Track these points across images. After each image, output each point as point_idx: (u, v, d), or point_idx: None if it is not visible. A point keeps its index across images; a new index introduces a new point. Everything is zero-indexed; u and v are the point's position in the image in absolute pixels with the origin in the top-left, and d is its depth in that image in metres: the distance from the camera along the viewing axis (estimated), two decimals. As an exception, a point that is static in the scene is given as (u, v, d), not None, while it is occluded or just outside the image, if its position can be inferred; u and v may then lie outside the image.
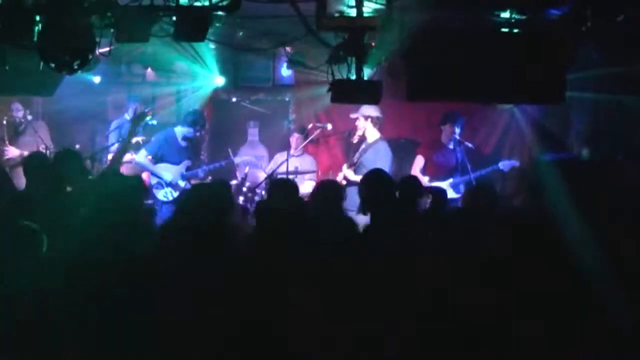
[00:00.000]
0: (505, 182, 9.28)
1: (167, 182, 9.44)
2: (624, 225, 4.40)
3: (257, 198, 9.19)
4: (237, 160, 9.97)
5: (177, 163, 9.52)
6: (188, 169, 9.57)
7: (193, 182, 9.42)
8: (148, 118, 8.32)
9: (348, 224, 5.53)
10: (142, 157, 9.51)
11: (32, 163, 6.39)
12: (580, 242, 5.00)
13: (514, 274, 4.12)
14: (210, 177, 9.64)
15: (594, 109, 9.03)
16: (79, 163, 6.65)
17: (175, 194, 9.35)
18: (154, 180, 9.45)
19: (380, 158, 8.66)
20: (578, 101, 8.57)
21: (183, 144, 9.55)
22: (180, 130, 9.55)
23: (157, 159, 9.50)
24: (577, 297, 4.07)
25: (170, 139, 9.56)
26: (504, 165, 9.37)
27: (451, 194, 9.14)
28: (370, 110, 9.06)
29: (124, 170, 9.47)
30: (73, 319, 3.90)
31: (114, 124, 10.58)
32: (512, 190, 9.23)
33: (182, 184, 9.46)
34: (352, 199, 6.68)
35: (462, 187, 9.09)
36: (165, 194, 9.43)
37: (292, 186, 6.56)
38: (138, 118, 8.03)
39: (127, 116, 10.42)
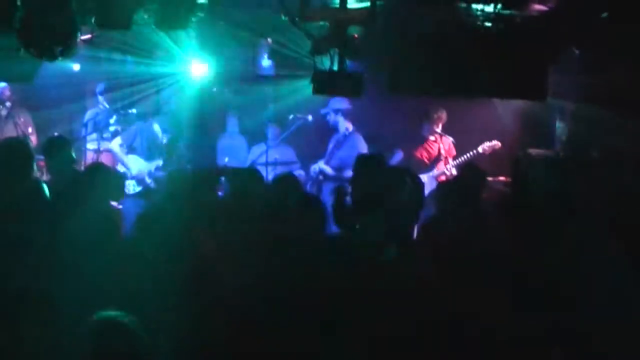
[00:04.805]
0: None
1: (132, 174, 9.30)
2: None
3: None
4: None
5: (148, 158, 9.43)
6: (158, 169, 9.45)
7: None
8: None
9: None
10: (115, 144, 9.40)
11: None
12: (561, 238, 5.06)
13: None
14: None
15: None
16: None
17: (138, 189, 9.23)
18: (121, 169, 9.25)
19: (357, 152, 8.49)
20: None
21: (159, 141, 9.44)
22: (159, 128, 9.48)
23: (130, 149, 9.40)
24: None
25: (147, 133, 9.46)
26: (484, 148, 9.33)
27: (434, 185, 9.17)
28: (340, 103, 9.02)
29: (103, 158, 9.40)
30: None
31: (89, 114, 10.47)
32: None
33: (147, 180, 9.33)
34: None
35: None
36: (127, 186, 9.11)
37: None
38: None
39: (102, 106, 10.33)
